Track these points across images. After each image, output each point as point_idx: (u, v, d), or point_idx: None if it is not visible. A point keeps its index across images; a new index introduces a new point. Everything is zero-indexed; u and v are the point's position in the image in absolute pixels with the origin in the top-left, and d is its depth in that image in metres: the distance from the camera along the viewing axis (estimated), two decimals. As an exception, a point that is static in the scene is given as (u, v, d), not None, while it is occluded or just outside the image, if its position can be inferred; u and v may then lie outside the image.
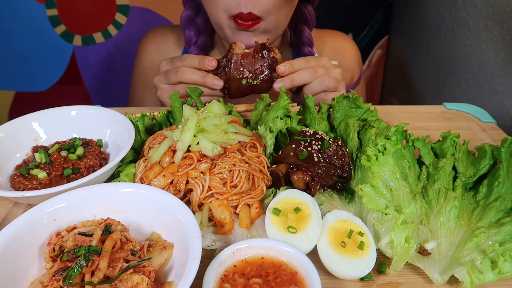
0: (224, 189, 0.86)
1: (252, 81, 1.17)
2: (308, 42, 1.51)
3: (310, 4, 1.49)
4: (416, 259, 0.78)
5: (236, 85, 1.17)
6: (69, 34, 2.30)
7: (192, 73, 1.16)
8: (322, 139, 0.97)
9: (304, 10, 1.48)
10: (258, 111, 1.15)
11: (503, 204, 0.84)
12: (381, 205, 0.82)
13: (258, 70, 1.17)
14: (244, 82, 1.17)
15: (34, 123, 1.05)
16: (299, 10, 1.48)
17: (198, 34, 1.47)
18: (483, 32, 1.71)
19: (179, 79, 1.17)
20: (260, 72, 1.17)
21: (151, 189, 0.81)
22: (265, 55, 1.17)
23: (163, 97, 1.23)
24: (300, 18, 1.50)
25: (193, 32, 1.46)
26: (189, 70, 1.16)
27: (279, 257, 0.75)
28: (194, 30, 1.46)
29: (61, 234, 0.73)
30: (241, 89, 1.18)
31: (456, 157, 0.95)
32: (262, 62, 1.17)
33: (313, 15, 1.50)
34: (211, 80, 1.16)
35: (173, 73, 1.18)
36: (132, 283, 0.65)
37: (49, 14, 2.23)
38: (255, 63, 1.17)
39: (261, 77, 1.17)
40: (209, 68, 1.17)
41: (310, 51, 1.52)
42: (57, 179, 0.93)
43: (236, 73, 1.17)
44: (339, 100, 1.13)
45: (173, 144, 0.90)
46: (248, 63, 1.17)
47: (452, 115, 1.31)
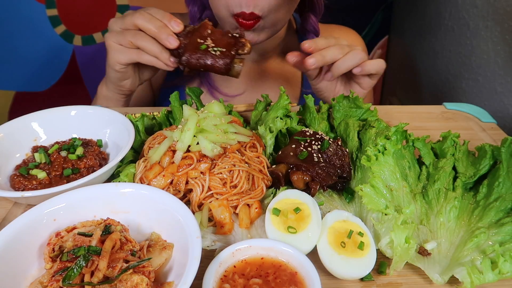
0: (224, 189, 0.86)
1: (211, 50, 1.07)
2: (313, 30, 1.49)
3: None
4: (416, 259, 0.78)
5: (192, 49, 1.06)
6: (69, 34, 2.30)
7: (152, 44, 1.07)
8: (322, 139, 0.97)
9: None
10: (258, 111, 1.15)
11: (503, 204, 0.84)
12: (381, 205, 0.82)
13: (222, 44, 1.09)
14: (203, 47, 1.07)
15: (34, 123, 1.05)
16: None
17: (203, 9, 1.42)
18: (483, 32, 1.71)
19: (136, 44, 1.08)
20: (223, 45, 1.09)
21: (151, 189, 0.81)
22: (236, 37, 1.11)
23: (114, 58, 1.13)
24: (307, 4, 1.48)
25: (197, 7, 1.42)
26: (149, 39, 1.07)
27: (279, 257, 0.75)
28: (198, 4, 1.41)
29: (61, 234, 0.73)
30: (196, 56, 1.06)
31: (456, 157, 0.95)
32: (229, 40, 1.10)
33: (322, 3, 1.47)
34: (167, 55, 1.07)
35: (131, 35, 1.08)
36: (131, 283, 0.65)
37: (49, 14, 2.23)
38: (222, 38, 1.11)
39: (222, 49, 1.08)
40: (174, 30, 1.07)
41: None
42: (57, 179, 0.93)
43: (199, 38, 1.08)
44: (339, 100, 1.13)
45: (173, 144, 0.90)
46: (215, 36, 1.11)
47: (452, 115, 1.31)
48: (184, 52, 1.07)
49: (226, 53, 1.08)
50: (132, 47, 1.10)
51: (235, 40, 1.10)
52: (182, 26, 1.09)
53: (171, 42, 1.06)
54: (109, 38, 1.13)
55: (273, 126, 1.03)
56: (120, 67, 1.14)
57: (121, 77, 1.18)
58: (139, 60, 1.11)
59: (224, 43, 1.09)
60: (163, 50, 1.07)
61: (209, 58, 1.06)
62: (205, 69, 1.08)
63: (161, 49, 1.07)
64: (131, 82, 1.22)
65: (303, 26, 1.51)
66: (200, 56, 1.06)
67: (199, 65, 1.07)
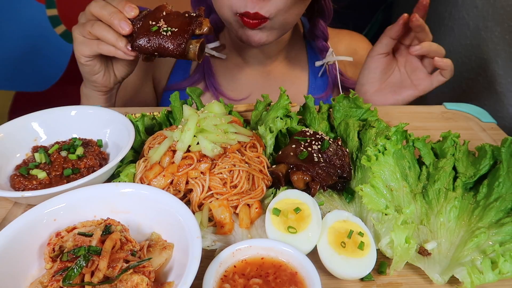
0: (224, 189, 0.86)
1: (162, 31, 1.00)
2: (322, 35, 1.48)
3: None
4: (416, 259, 0.78)
5: (143, 31, 1.01)
6: (69, 34, 2.30)
7: (107, 32, 1.03)
8: (322, 139, 0.97)
9: (321, 2, 1.44)
10: (258, 111, 1.15)
11: (503, 204, 0.84)
12: (381, 205, 0.82)
13: (175, 24, 1.02)
14: (154, 29, 1.00)
15: (34, 123, 1.05)
16: (316, 2, 1.44)
17: (209, 11, 1.42)
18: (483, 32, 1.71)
19: (94, 34, 1.06)
20: (176, 26, 1.02)
21: (151, 189, 0.81)
22: (192, 15, 1.04)
23: (78, 51, 1.11)
24: (316, 10, 1.46)
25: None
26: (105, 28, 1.04)
27: (279, 257, 0.75)
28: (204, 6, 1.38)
29: (61, 234, 0.73)
30: (146, 39, 1.00)
31: (456, 157, 0.95)
32: (184, 20, 1.03)
33: (331, 8, 1.46)
34: (123, 43, 1.03)
35: (89, 26, 1.06)
36: (132, 283, 0.65)
37: (49, 14, 2.23)
38: (176, 18, 1.04)
39: (174, 29, 1.01)
40: (128, 15, 1.04)
41: (324, 45, 1.49)
42: (57, 179, 0.93)
43: (151, 20, 1.03)
44: (339, 100, 1.13)
45: (173, 144, 0.90)
46: (169, 17, 1.04)
47: (452, 115, 1.31)
48: (136, 36, 1.01)
49: (178, 32, 1.00)
50: (93, 38, 1.08)
51: (190, 20, 1.03)
52: (137, 11, 1.04)
53: (123, 26, 1.01)
54: (74, 30, 1.11)
55: (273, 126, 1.03)
56: (84, 59, 1.12)
57: (89, 71, 1.16)
58: (99, 50, 1.08)
59: (178, 23, 1.02)
60: (119, 38, 1.03)
61: (160, 39, 1.00)
62: (159, 52, 1.01)
63: (116, 37, 1.03)
64: (103, 78, 1.19)
65: (312, 31, 1.50)
66: (150, 38, 1.00)
67: (150, 49, 1.01)
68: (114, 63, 1.21)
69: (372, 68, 1.32)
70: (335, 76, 1.50)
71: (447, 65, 1.21)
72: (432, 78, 1.27)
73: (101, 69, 1.17)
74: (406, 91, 1.31)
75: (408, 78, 1.31)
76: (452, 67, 1.23)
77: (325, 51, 1.50)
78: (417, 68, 1.29)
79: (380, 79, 1.33)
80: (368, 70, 1.33)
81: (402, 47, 1.31)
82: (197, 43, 1.02)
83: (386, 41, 1.28)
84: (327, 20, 1.48)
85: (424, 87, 1.29)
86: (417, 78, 1.29)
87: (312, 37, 1.52)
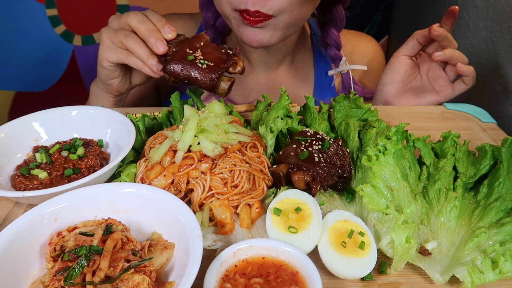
0: (225, 189, 0.86)
1: (198, 62, 1.01)
2: (335, 44, 1.46)
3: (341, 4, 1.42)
4: (417, 259, 0.78)
5: (178, 58, 1.01)
6: (69, 34, 2.30)
7: (141, 47, 1.04)
8: (323, 139, 0.97)
9: (333, 10, 1.42)
10: (259, 111, 1.15)
11: (504, 204, 0.84)
12: (382, 205, 0.82)
13: (212, 58, 1.03)
14: (190, 58, 1.01)
15: (35, 123, 1.05)
16: (328, 11, 1.42)
17: (217, 15, 1.39)
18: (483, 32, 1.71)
19: (125, 45, 1.06)
20: (212, 60, 1.02)
21: (152, 189, 0.81)
22: (229, 53, 1.05)
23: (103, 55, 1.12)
24: (328, 18, 1.44)
25: (211, 14, 1.39)
26: (138, 42, 1.04)
27: (280, 257, 0.75)
28: (212, 11, 1.39)
29: (62, 234, 0.73)
30: (181, 66, 1.00)
31: (456, 157, 0.96)
32: (220, 55, 1.04)
33: (343, 17, 1.44)
34: (153, 62, 1.03)
35: (122, 35, 1.06)
36: (133, 283, 0.65)
37: (49, 14, 2.23)
38: (213, 52, 1.04)
39: (210, 63, 1.01)
40: (165, 36, 1.04)
41: (337, 54, 1.47)
42: (58, 179, 0.93)
43: (188, 48, 1.03)
44: (340, 100, 1.13)
45: (173, 144, 0.90)
46: (206, 49, 1.04)
47: (452, 115, 1.31)
48: (170, 60, 1.01)
49: (213, 67, 1.01)
50: (122, 48, 1.09)
51: (227, 57, 1.04)
52: (175, 34, 1.05)
53: (158, 47, 1.01)
54: (104, 33, 1.11)
55: (274, 126, 1.03)
56: (107, 64, 1.13)
57: (108, 75, 1.17)
58: (126, 61, 1.09)
59: (214, 57, 1.03)
60: (150, 56, 1.04)
61: (194, 70, 1.00)
62: (189, 81, 1.02)
63: (148, 54, 1.04)
64: (119, 83, 1.20)
65: (324, 39, 1.47)
66: (185, 66, 1.00)
67: (182, 76, 1.01)
68: (132, 71, 1.22)
69: (396, 68, 1.32)
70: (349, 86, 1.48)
71: (469, 71, 1.22)
72: (454, 86, 1.28)
73: (120, 75, 1.18)
74: (428, 96, 1.32)
75: (430, 85, 1.32)
76: (475, 74, 1.23)
77: (338, 60, 1.48)
78: (439, 76, 1.30)
79: (403, 81, 1.33)
80: (392, 70, 1.33)
81: (425, 55, 1.32)
82: (228, 81, 1.04)
83: (413, 43, 1.28)
84: (339, 29, 1.46)
85: (446, 94, 1.30)
86: (439, 85, 1.30)
87: (324, 45, 1.49)
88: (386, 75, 1.35)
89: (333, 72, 1.50)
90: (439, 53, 1.22)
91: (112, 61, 1.12)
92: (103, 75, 1.17)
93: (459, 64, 1.22)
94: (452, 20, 1.23)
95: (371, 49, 1.61)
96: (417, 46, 1.29)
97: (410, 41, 1.29)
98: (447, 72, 1.29)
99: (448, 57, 1.22)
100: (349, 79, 1.48)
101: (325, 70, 1.55)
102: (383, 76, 1.36)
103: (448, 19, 1.23)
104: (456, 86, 1.28)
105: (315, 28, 1.57)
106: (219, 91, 1.04)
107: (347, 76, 1.49)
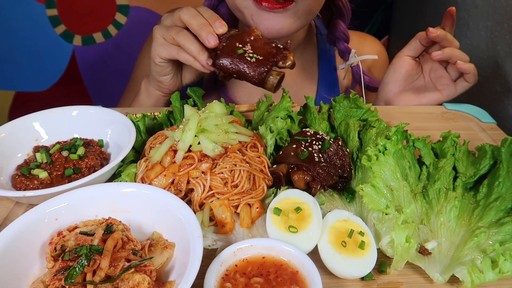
0: (225, 189, 0.86)
1: (247, 55, 1.00)
2: (344, 37, 1.45)
3: None
4: (417, 258, 0.78)
5: (228, 52, 1.01)
6: (69, 34, 2.30)
7: (192, 43, 1.05)
8: (323, 139, 0.97)
9: (338, 2, 1.42)
10: (260, 111, 1.15)
11: (503, 204, 0.84)
12: (382, 205, 0.82)
13: (261, 52, 1.02)
14: (239, 52, 1.01)
15: (35, 123, 1.05)
16: (333, 4, 1.42)
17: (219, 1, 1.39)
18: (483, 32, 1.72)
19: (177, 41, 1.08)
20: (262, 54, 1.01)
21: (152, 189, 0.81)
22: (279, 47, 1.03)
23: (156, 51, 1.14)
24: (334, 12, 1.44)
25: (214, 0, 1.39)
26: (190, 38, 1.06)
27: (280, 256, 0.75)
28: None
29: (63, 234, 0.73)
30: (230, 60, 1.00)
31: (456, 157, 0.96)
32: (270, 49, 1.03)
33: (349, 8, 1.44)
34: (204, 57, 1.04)
35: (174, 32, 1.08)
36: (133, 282, 0.65)
37: (49, 14, 2.23)
38: (263, 46, 1.03)
39: (259, 57, 1.01)
40: (216, 30, 1.04)
41: (346, 47, 1.46)
42: (58, 179, 0.94)
43: (238, 42, 1.03)
44: (340, 101, 1.13)
45: (174, 144, 0.90)
46: (257, 44, 1.04)
47: (452, 115, 1.31)
48: (220, 55, 1.01)
49: (262, 61, 1.00)
50: (174, 44, 1.10)
51: (277, 51, 1.03)
52: (226, 28, 1.04)
53: (210, 40, 1.01)
54: (156, 30, 1.13)
55: (274, 126, 1.04)
56: (159, 60, 1.15)
57: (160, 71, 1.18)
58: (177, 57, 1.10)
59: (263, 51, 1.02)
60: (201, 51, 1.04)
61: (243, 63, 1.00)
62: (238, 75, 1.01)
63: (199, 49, 1.04)
64: (171, 81, 1.22)
65: (333, 33, 1.46)
66: (234, 60, 1.00)
67: (232, 70, 1.01)
68: (184, 69, 1.23)
69: (398, 68, 1.33)
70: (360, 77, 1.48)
71: (470, 69, 1.23)
72: (456, 84, 1.29)
73: (172, 72, 1.20)
74: (431, 95, 1.33)
75: (433, 84, 1.33)
76: (476, 71, 1.24)
77: (347, 53, 1.47)
78: (441, 75, 1.31)
79: (404, 80, 1.34)
80: (394, 69, 1.34)
81: (427, 55, 1.33)
82: (277, 76, 1.02)
83: (415, 44, 1.30)
84: (346, 21, 1.45)
85: (449, 93, 1.30)
86: (441, 84, 1.31)
87: (332, 40, 1.48)
88: (388, 74, 1.36)
89: (343, 66, 1.49)
90: (438, 53, 1.23)
91: (164, 57, 1.13)
92: (155, 72, 1.19)
93: (459, 62, 1.23)
94: (451, 20, 1.24)
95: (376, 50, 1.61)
96: (420, 47, 1.30)
97: (413, 42, 1.31)
98: (449, 71, 1.30)
99: (447, 56, 1.23)
100: (359, 71, 1.48)
101: (329, 68, 1.56)
102: (385, 75, 1.37)
103: (447, 20, 1.25)
104: (458, 84, 1.29)
105: (321, 27, 1.58)
106: (268, 86, 1.03)
107: (357, 68, 1.49)
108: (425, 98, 1.33)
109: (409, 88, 1.36)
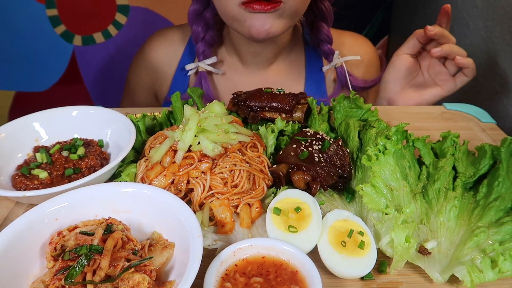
0: (225, 189, 0.86)
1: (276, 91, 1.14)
2: (327, 39, 1.47)
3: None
4: (417, 258, 0.78)
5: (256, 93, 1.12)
6: (69, 34, 2.30)
7: None
8: (323, 139, 0.97)
9: (320, 6, 1.43)
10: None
11: (503, 204, 0.84)
12: (382, 204, 0.82)
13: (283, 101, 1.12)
14: (268, 91, 1.13)
15: (35, 123, 1.05)
16: (316, 6, 1.43)
17: (206, 29, 1.41)
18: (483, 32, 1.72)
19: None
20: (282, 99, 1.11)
21: (152, 189, 0.81)
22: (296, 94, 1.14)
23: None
24: (317, 14, 1.45)
25: (201, 27, 1.40)
26: None
27: (280, 256, 0.75)
28: (202, 25, 1.40)
29: (63, 234, 0.73)
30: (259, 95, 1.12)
31: (456, 157, 0.96)
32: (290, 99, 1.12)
33: (331, 11, 1.45)
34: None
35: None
36: (133, 282, 0.65)
37: (49, 14, 2.23)
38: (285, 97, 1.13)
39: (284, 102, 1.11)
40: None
41: (330, 49, 1.48)
42: (58, 179, 0.94)
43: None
44: (340, 101, 1.13)
45: (174, 144, 0.90)
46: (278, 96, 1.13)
47: (452, 115, 1.31)
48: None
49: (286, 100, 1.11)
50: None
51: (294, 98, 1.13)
52: None
53: None
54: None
55: (274, 126, 1.04)
56: None
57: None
58: None
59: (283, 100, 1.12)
60: None
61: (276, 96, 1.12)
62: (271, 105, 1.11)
63: None
64: None
65: (316, 36, 1.48)
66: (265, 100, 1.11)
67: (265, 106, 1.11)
68: None
69: (397, 66, 1.35)
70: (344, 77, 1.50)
71: (469, 63, 1.25)
72: (455, 79, 1.31)
73: None
74: (431, 91, 1.34)
75: (432, 80, 1.35)
76: (474, 66, 1.26)
77: (331, 55, 1.49)
78: (440, 71, 1.33)
79: (404, 78, 1.36)
80: (393, 68, 1.36)
81: (425, 52, 1.35)
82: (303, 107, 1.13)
83: (413, 42, 1.31)
84: (329, 23, 1.47)
85: (449, 87, 1.32)
86: (440, 80, 1.33)
87: (316, 42, 1.50)
88: (388, 73, 1.37)
89: (327, 68, 1.51)
90: (437, 49, 1.25)
91: None
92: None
93: (458, 57, 1.24)
94: (446, 18, 1.26)
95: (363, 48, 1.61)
96: (418, 45, 1.32)
97: (411, 40, 1.32)
98: (447, 67, 1.32)
99: (446, 52, 1.25)
100: (344, 71, 1.50)
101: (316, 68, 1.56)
102: (385, 74, 1.39)
103: (442, 17, 1.27)
104: (458, 79, 1.30)
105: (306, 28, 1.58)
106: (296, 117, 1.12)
107: (342, 69, 1.51)
108: (426, 94, 1.35)
109: (410, 85, 1.38)
